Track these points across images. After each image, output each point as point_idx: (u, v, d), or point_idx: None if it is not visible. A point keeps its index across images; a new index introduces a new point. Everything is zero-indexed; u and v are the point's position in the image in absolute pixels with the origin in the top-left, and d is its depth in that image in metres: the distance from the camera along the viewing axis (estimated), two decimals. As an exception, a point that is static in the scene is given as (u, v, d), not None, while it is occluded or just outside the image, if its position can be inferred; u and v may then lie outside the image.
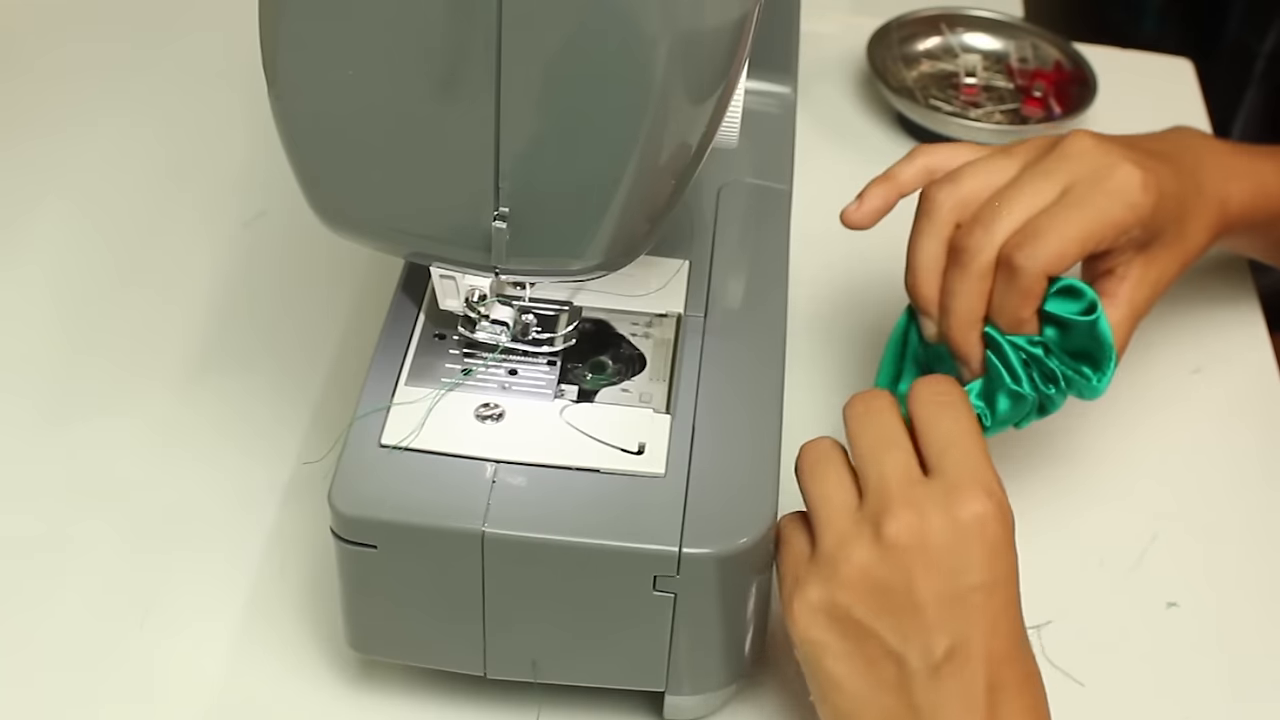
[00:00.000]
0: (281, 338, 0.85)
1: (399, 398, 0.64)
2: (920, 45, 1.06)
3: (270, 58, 0.57)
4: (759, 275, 0.72)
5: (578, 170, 0.57)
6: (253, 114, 0.97)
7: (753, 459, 0.63)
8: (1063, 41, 1.06)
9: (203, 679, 0.69)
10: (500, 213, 0.58)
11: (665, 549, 0.59)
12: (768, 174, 0.78)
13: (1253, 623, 0.74)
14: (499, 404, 0.64)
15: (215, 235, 0.91)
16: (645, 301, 0.69)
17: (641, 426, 0.63)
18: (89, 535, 0.74)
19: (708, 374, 0.66)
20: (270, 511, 0.75)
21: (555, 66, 0.55)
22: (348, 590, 0.63)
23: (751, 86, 0.79)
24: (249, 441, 0.78)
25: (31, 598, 0.72)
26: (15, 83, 1.03)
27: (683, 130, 0.58)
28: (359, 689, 0.68)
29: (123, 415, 0.80)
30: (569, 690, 0.66)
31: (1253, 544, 0.77)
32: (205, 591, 0.72)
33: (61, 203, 0.93)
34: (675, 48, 0.55)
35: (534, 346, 0.66)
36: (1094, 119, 1.02)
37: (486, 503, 0.60)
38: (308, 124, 0.59)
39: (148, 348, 0.84)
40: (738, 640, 0.64)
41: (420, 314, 0.68)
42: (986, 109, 1.01)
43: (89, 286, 0.88)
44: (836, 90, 1.06)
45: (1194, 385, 0.85)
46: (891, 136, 1.03)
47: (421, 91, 0.56)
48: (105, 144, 0.98)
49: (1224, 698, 0.70)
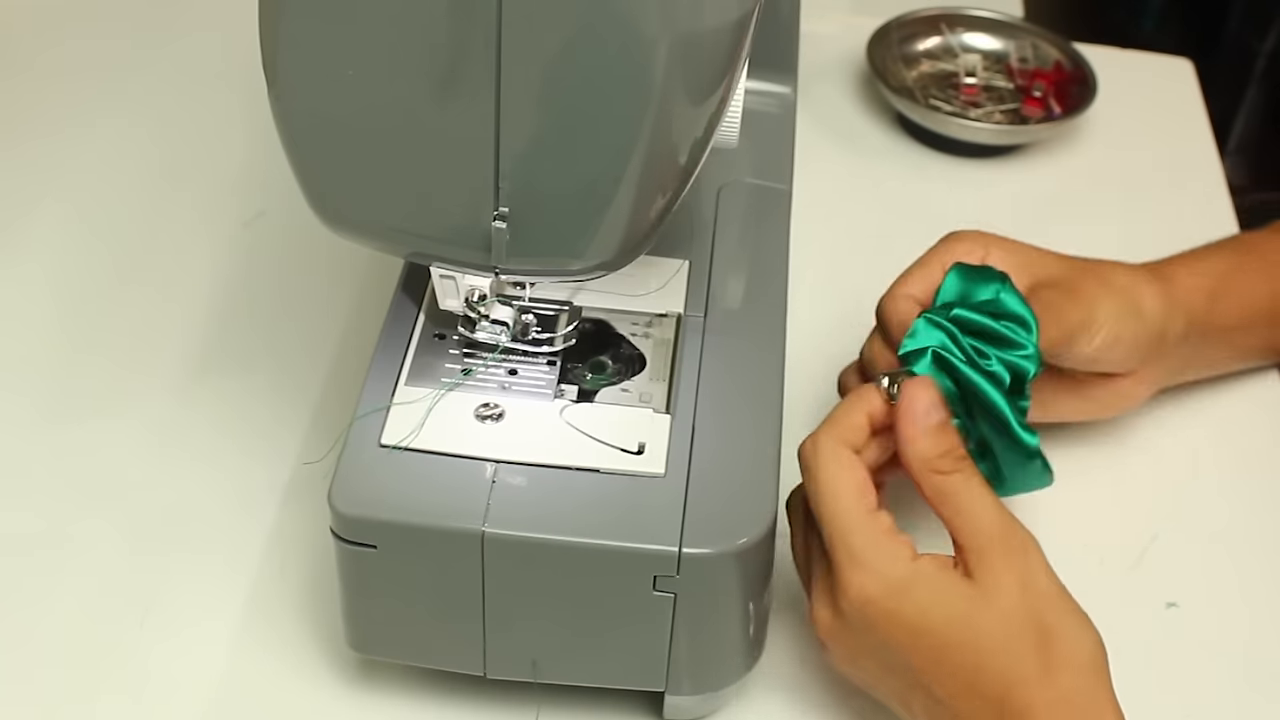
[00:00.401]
0: (281, 338, 0.85)
1: (399, 398, 0.64)
2: (920, 45, 1.06)
3: (270, 58, 0.57)
4: (759, 275, 0.72)
5: (578, 170, 0.57)
6: (252, 114, 0.97)
7: (753, 459, 0.63)
8: (1063, 41, 1.05)
9: (203, 679, 0.69)
10: (500, 213, 0.58)
11: (665, 549, 0.59)
12: (768, 174, 0.78)
13: (1252, 623, 0.74)
14: (499, 404, 0.64)
15: (215, 235, 0.91)
16: (645, 301, 0.69)
17: (641, 426, 0.63)
18: (89, 535, 0.74)
19: (708, 374, 0.66)
20: (270, 511, 0.75)
21: (555, 67, 0.55)
22: (348, 590, 0.63)
23: (751, 86, 0.79)
24: (249, 442, 0.78)
25: (31, 597, 0.72)
26: (14, 82, 1.03)
27: (683, 130, 0.58)
28: (359, 689, 0.68)
29: (122, 415, 0.80)
30: (569, 690, 0.65)
31: (1253, 544, 0.77)
32: (205, 591, 0.72)
33: (60, 203, 0.93)
34: (675, 48, 0.55)
35: (534, 346, 0.66)
36: (1094, 119, 1.02)
37: (486, 503, 0.60)
38: (308, 124, 0.59)
39: (147, 348, 0.84)
40: (737, 640, 0.64)
41: (420, 314, 0.68)
42: (986, 109, 1.01)
43: (88, 286, 0.88)
44: (836, 90, 1.06)
45: (1194, 385, 0.85)
46: (891, 136, 1.03)
47: (422, 91, 0.56)
48: (104, 144, 0.98)
49: (1224, 698, 0.70)
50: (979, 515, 0.61)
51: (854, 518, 0.61)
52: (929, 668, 0.60)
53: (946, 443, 0.62)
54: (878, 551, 0.60)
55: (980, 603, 0.59)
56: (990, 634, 0.59)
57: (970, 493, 0.61)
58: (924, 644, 0.60)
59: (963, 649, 0.59)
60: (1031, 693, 0.58)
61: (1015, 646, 0.59)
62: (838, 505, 0.61)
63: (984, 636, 0.59)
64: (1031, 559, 0.61)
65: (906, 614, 0.60)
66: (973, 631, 0.59)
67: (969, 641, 0.59)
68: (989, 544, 0.60)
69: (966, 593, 0.60)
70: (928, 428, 0.62)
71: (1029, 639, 0.59)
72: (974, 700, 0.59)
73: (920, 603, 0.60)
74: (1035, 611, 0.59)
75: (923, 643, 0.60)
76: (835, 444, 0.63)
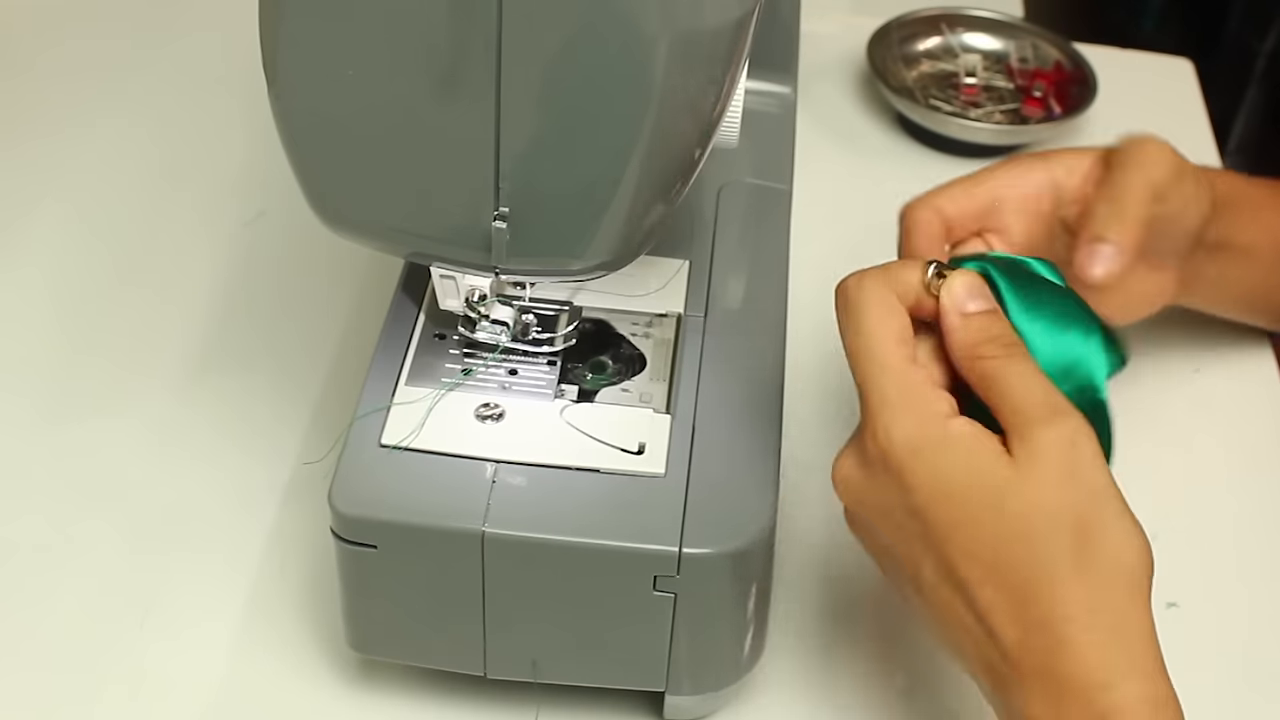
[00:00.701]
0: (281, 338, 0.85)
1: (399, 398, 0.64)
2: (920, 45, 1.06)
3: (270, 58, 0.57)
4: (759, 275, 0.72)
5: (578, 170, 0.57)
6: (252, 114, 0.97)
7: (753, 459, 0.63)
8: (1063, 41, 1.06)
9: (202, 679, 0.69)
10: (500, 213, 0.58)
11: (665, 549, 0.59)
12: (768, 174, 0.78)
13: (1253, 623, 0.74)
14: (499, 404, 0.64)
15: (214, 235, 0.91)
16: (645, 301, 0.69)
17: (641, 426, 0.63)
18: (88, 535, 0.74)
19: (708, 374, 0.66)
20: (270, 511, 0.75)
21: (555, 66, 0.55)
22: (348, 590, 0.63)
23: (751, 86, 0.79)
24: (249, 441, 0.78)
25: (31, 597, 0.72)
26: (14, 82, 1.03)
27: (683, 130, 0.58)
28: (359, 689, 0.68)
29: (122, 415, 0.80)
30: (569, 690, 0.65)
31: (1253, 544, 0.77)
32: (205, 591, 0.72)
33: (60, 203, 0.93)
34: (675, 48, 0.55)
35: (534, 346, 0.66)
36: (1094, 119, 1.02)
37: (486, 503, 0.60)
38: (308, 124, 0.59)
39: (147, 348, 0.84)
40: (738, 640, 0.64)
41: (420, 314, 0.68)
42: (986, 109, 1.01)
43: (88, 287, 0.88)
44: (836, 90, 1.06)
45: (1194, 385, 0.85)
46: (891, 136, 1.03)
47: (421, 91, 0.56)
48: (104, 144, 0.98)
49: (1224, 698, 0.70)
50: (1025, 395, 0.56)
51: (893, 362, 0.57)
52: (949, 535, 0.55)
53: (994, 329, 0.58)
54: (914, 397, 0.56)
55: (1016, 482, 0.54)
56: (1021, 516, 0.54)
57: (1018, 375, 0.56)
58: (945, 509, 0.55)
59: (986, 525, 0.54)
60: (1057, 591, 0.53)
61: (1047, 537, 0.53)
62: (876, 347, 0.57)
63: (1013, 518, 0.54)
64: (1082, 449, 0.55)
65: (933, 470, 0.55)
66: (1000, 511, 0.54)
67: (994, 520, 0.54)
68: (1034, 425, 0.55)
69: (1002, 468, 0.54)
70: (971, 314, 0.58)
71: (1064, 533, 0.53)
72: (990, 587, 0.54)
73: (950, 462, 0.55)
74: (1076, 505, 0.54)
75: (943, 507, 0.55)
76: (882, 287, 0.59)
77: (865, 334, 0.58)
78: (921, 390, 0.57)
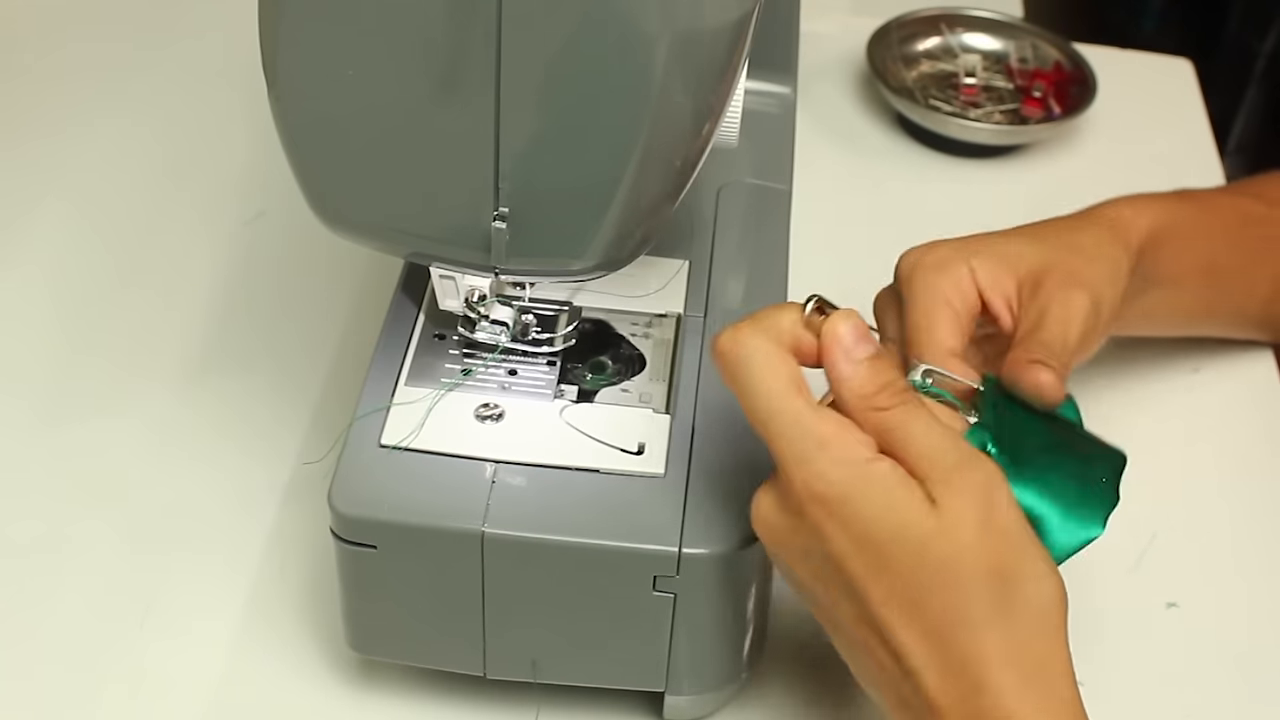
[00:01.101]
0: (281, 338, 0.85)
1: (399, 398, 0.64)
2: (920, 45, 1.06)
3: (270, 58, 0.57)
4: (759, 275, 0.72)
5: (578, 170, 0.57)
6: (253, 114, 0.97)
7: (753, 459, 0.63)
8: (1062, 41, 1.06)
9: (202, 679, 0.69)
10: (500, 213, 0.58)
11: (665, 549, 0.59)
12: (768, 174, 0.78)
13: (1252, 623, 0.74)
14: (499, 404, 0.64)
15: (215, 235, 0.91)
16: (645, 301, 0.69)
17: (641, 426, 0.63)
18: (88, 535, 0.74)
19: (708, 374, 0.66)
20: (270, 511, 0.75)
21: (555, 66, 0.55)
22: (348, 590, 0.63)
23: (751, 86, 0.79)
24: (249, 442, 0.78)
25: (31, 597, 0.72)
26: (15, 83, 1.03)
27: (683, 130, 0.58)
28: (359, 689, 0.68)
29: (122, 415, 0.80)
30: (568, 690, 0.65)
31: (1253, 544, 0.77)
32: (205, 591, 0.72)
33: (61, 203, 0.93)
34: (675, 48, 0.55)
35: (534, 346, 0.66)
36: (1094, 119, 1.02)
37: (486, 503, 0.60)
38: (308, 124, 0.59)
39: (147, 348, 0.84)
40: (737, 640, 0.64)
41: (420, 314, 0.68)
42: (986, 109, 1.01)
43: (88, 287, 0.88)
44: (836, 90, 1.06)
45: (1194, 385, 0.85)
46: (891, 136, 1.03)
47: (421, 91, 0.56)
48: (105, 144, 0.98)
49: (1224, 698, 0.70)
50: (934, 445, 0.55)
51: (794, 412, 0.55)
52: (868, 582, 0.54)
53: (885, 376, 0.56)
54: (826, 445, 0.54)
55: (936, 531, 0.53)
56: (942, 564, 0.53)
57: (920, 423, 0.55)
58: (864, 558, 0.54)
59: (906, 573, 0.54)
60: (976, 634, 0.53)
61: (969, 584, 0.53)
62: (774, 402, 0.55)
63: (934, 566, 0.53)
64: (996, 495, 0.54)
65: (852, 519, 0.54)
66: (921, 559, 0.53)
67: (915, 569, 0.53)
68: (948, 474, 0.54)
69: (922, 517, 0.54)
70: (860, 362, 0.56)
71: (984, 580, 0.53)
72: (909, 631, 0.54)
73: (870, 513, 0.54)
74: (994, 551, 0.53)
75: (863, 556, 0.54)
76: (758, 337, 0.57)
77: (757, 392, 0.56)
78: (834, 437, 0.55)
